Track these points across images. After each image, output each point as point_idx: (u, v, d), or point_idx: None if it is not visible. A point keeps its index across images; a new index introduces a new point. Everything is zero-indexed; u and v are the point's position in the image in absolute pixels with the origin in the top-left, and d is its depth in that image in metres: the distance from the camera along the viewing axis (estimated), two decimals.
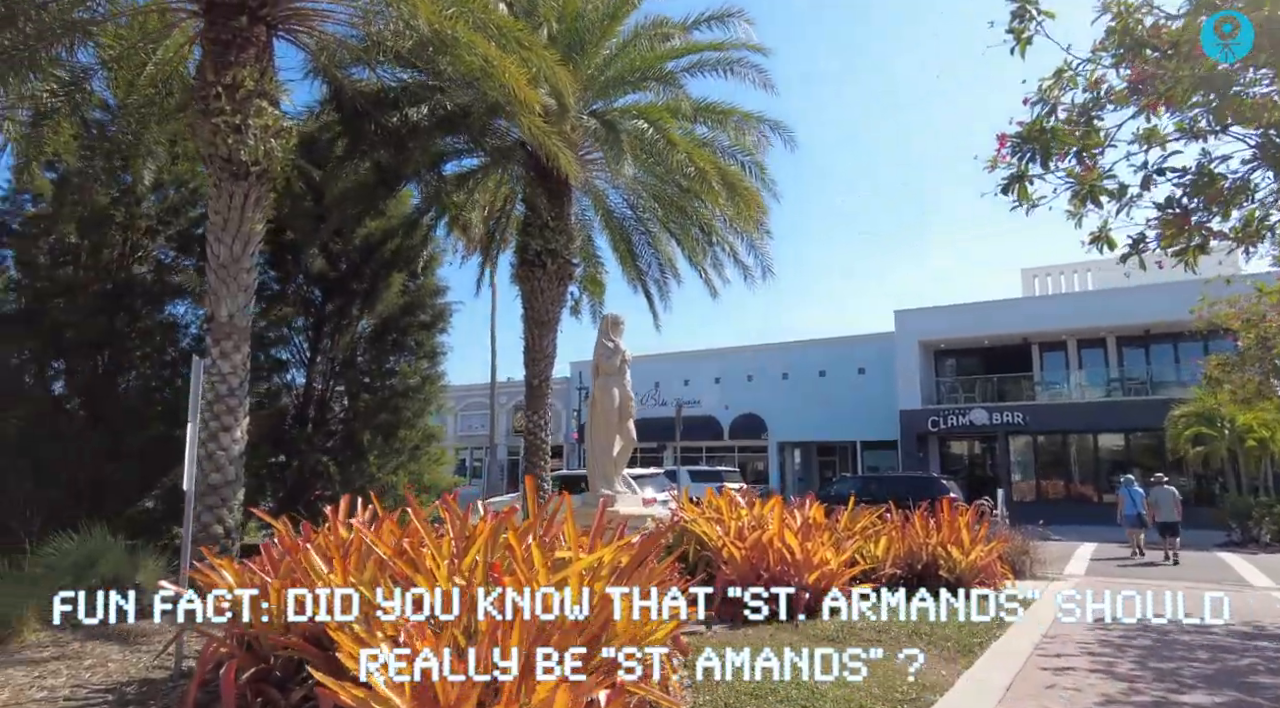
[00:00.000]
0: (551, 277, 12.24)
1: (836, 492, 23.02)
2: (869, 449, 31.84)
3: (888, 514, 10.80)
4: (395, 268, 14.27)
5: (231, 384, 8.05)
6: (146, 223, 11.23)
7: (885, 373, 29.91)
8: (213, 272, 8.19)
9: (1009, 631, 7.14)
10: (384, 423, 14.15)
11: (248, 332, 8.34)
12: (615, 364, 7.96)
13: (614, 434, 7.94)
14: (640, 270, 14.84)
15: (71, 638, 6.85)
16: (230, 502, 7.92)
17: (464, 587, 4.33)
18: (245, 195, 8.26)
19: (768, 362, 34.37)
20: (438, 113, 10.48)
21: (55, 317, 10.21)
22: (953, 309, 28.70)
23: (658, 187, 13.42)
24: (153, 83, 10.24)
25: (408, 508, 6.58)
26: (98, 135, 10.56)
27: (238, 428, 8.07)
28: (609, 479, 7.97)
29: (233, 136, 7.99)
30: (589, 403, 8.13)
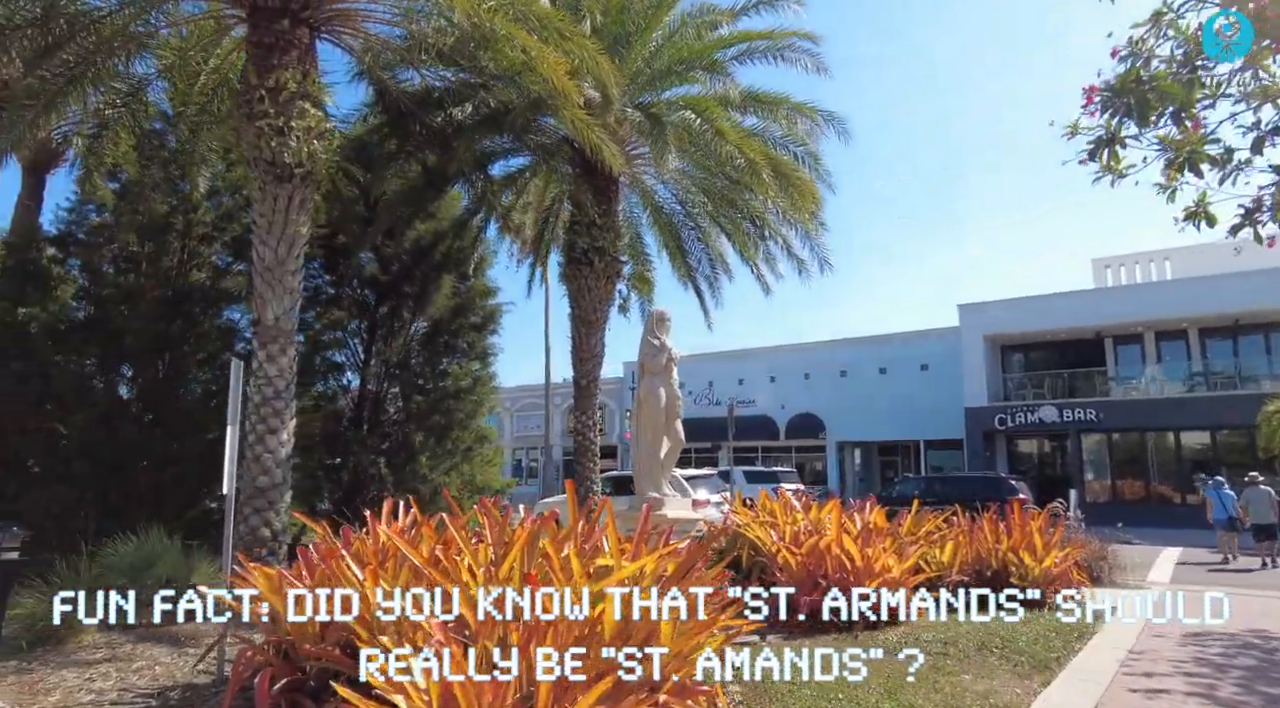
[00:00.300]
0: (599, 275, 12.03)
1: (899, 493, 22.32)
2: (933, 449, 30.83)
3: (954, 517, 10.24)
4: (445, 270, 14.26)
5: (278, 387, 8.05)
6: (202, 230, 11.41)
7: (949, 369, 28.89)
8: (258, 275, 8.21)
9: (1089, 645, 6.60)
10: (436, 425, 14.16)
11: (294, 334, 8.33)
12: (661, 362, 7.68)
13: (661, 435, 7.65)
14: (690, 267, 14.53)
15: (125, 639, 6.91)
16: (277, 504, 7.91)
17: (498, 597, 4.11)
18: (289, 198, 8.25)
19: (825, 359, 33.61)
20: (481, 111, 10.37)
21: (118, 323, 10.43)
22: (1020, 302, 27.55)
23: (707, 180, 13.09)
24: (205, 91, 10.41)
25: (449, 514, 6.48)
26: (156, 145, 10.78)
27: (284, 431, 8.07)
28: (656, 482, 7.69)
29: (276, 139, 7.99)
30: (635, 403, 7.86)
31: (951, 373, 28.69)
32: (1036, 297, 27.29)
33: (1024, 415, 26.79)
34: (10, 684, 5.77)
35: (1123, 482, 26.11)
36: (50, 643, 6.68)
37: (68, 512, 9.10)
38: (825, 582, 7.59)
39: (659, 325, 7.91)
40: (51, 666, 6.14)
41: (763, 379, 35.55)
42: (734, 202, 13.00)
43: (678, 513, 7.42)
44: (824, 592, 7.59)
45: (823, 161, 12.53)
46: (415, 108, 10.59)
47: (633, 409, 7.87)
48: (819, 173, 12.54)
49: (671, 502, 7.56)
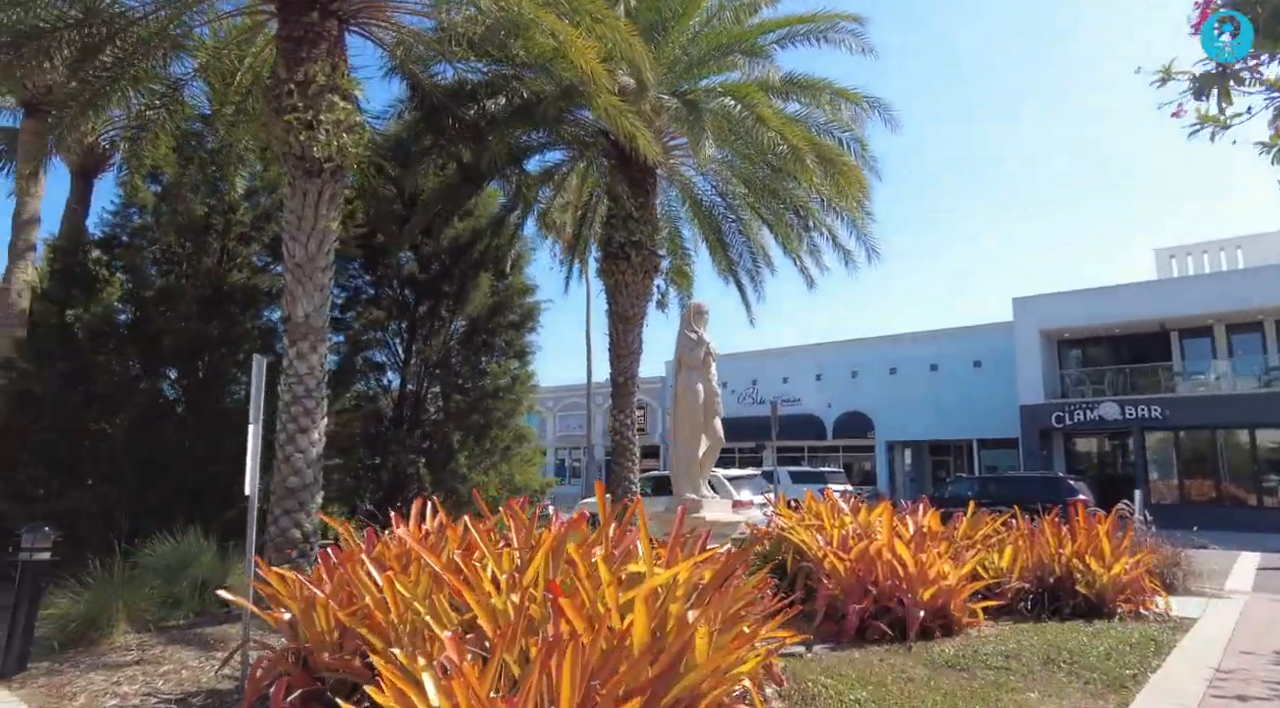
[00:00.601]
0: (636, 269, 11.72)
1: (951, 494, 21.56)
2: (986, 448, 29.80)
3: (1012, 520, 9.66)
4: (483, 268, 14.11)
5: (309, 385, 7.92)
6: (241, 229, 11.43)
7: (1003, 366, 27.88)
8: (288, 271, 8.10)
9: (1169, 661, 6.05)
10: (475, 424, 14.02)
11: (325, 332, 8.21)
12: (699, 357, 7.33)
13: (699, 433, 7.31)
14: (731, 261, 14.13)
15: (156, 641, 6.83)
16: (308, 505, 7.78)
17: (517, 607, 3.82)
18: (319, 193, 8.13)
19: (874, 356, 32.78)
20: (514, 102, 10.15)
21: (158, 324, 10.47)
22: (1078, 295, 26.44)
23: (748, 170, 12.68)
24: (240, 90, 10.40)
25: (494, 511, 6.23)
26: (194, 145, 10.81)
27: (315, 430, 7.93)
28: (694, 482, 7.34)
29: (304, 133, 7.86)
30: (672, 400, 7.53)
31: (1005, 369, 27.69)
32: (1096, 289, 26.17)
33: (1082, 413, 25.69)
34: (40, 687, 5.70)
35: (1190, 482, 24.83)
36: (83, 644, 6.64)
37: (105, 511, 9.12)
38: (876, 589, 7.15)
39: (696, 319, 7.57)
40: (82, 668, 6.08)
41: (808, 377, 34.86)
42: (776, 192, 12.57)
43: (717, 515, 7.06)
44: (874, 600, 7.18)
45: (869, 148, 12.06)
46: (448, 101, 10.44)
47: (668, 407, 7.54)
48: (865, 160, 12.06)
49: (710, 503, 7.21)
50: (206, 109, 10.88)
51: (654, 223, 12.00)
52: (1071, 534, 8.76)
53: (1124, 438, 26.49)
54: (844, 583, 7.33)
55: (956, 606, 7.21)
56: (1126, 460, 26.84)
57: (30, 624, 6.16)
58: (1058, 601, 8.13)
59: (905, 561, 7.21)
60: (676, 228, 14.94)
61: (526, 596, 4.06)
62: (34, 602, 6.22)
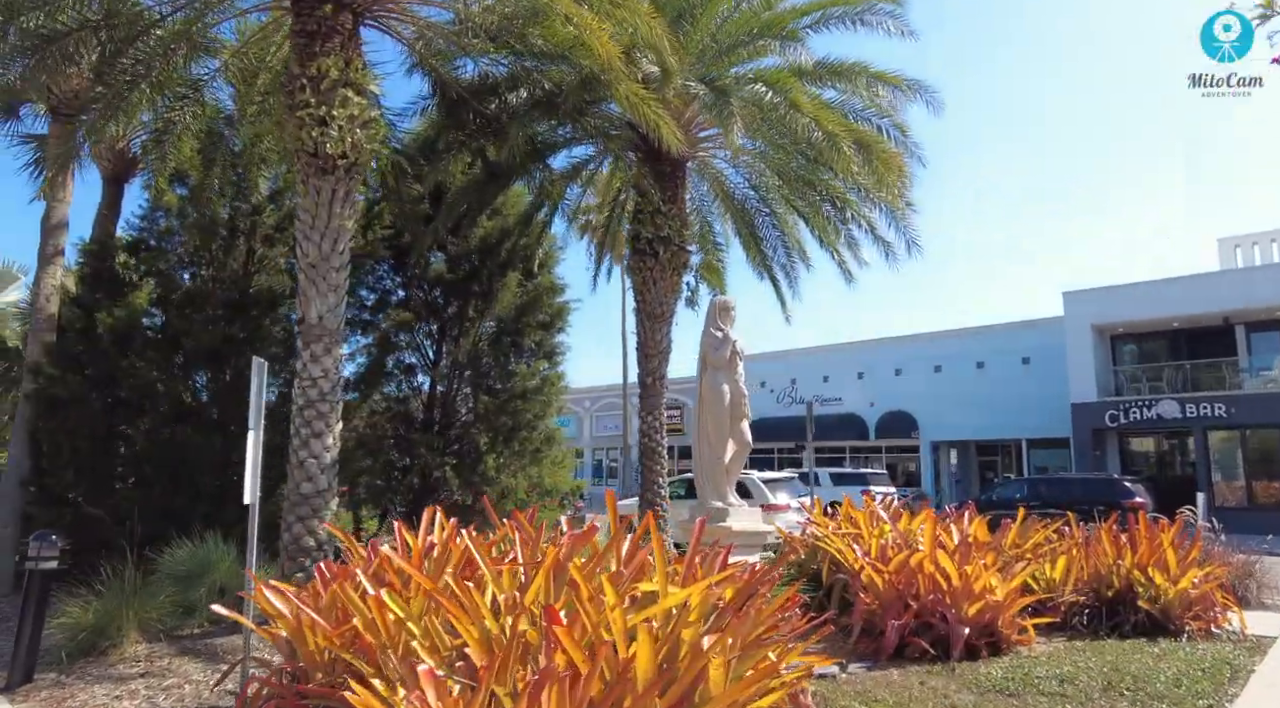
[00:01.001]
0: (664, 266, 11.32)
1: (999, 496, 20.74)
2: (1036, 448, 28.72)
3: (1065, 527, 9.04)
4: (511, 267, 13.85)
5: (323, 388, 7.70)
6: (265, 230, 11.33)
7: (1053, 362, 26.81)
8: (302, 271, 7.90)
9: (1248, 689, 5.46)
10: (504, 426, 13.76)
11: (340, 334, 7.99)
12: (725, 356, 6.92)
13: (725, 437, 6.90)
14: (764, 256, 13.63)
15: (166, 652, 6.67)
16: (322, 511, 7.55)
17: (512, 633, 3.47)
18: (333, 191, 7.91)
19: (918, 354, 31.85)
20: (536, 95, 9.84)
21: (181, 327, 10.41)
22: (1133, 288, 25.28)
23: (781, 161, 12.19)
24: (262, 90, 10.28)
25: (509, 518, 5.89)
26: (217, 147, 10.72)
27: (329, 435, 7.71)
28: (720, 489, 6.93)
29: (317, 129, 7.65)
30: (697, 401, 7.14)
31: (1056, 366, 26.62)
32: (1154, 281, 24.99)
33: (1139, 411, 24.54)
34: (41, 701, 5.54)
35: (1257, 484, 23.53)
36: (93, 654, 6.50)
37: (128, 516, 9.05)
38: (916, 604, 6.67)
39: (722, 315, 7.15)
40: (87, 680, 5.92)
41: (849, 376, 34.05)
42: (811, 182, 12.05)
43: (744, 525, 6.64)
44: (915, 615, 6.69)
45: (911, 135, 11.47)
46: (470, 97, 10.18)
47: (694, 408, 7.14)
48: (907, 147, 11.47)
49: (737, 512, 6.79)
50: (230, 109, 10.79)
51: (683, 218, 11.59)
52: (1131, 543, 8.13)
53: (1183, 437, 25.27)
54: (882, 597, 6.85)
55: (1005, 622, 6.69)
56: (1186, 461, 25.61)
57: (36, 636, 6.02)
58: (1117, 616, 7.52)
59: (949, 573, 6.71)
60: (708, 223, 14.50)
61: (525, 619, 3.72)
62: (40, 613, 6.08)
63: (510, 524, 5.27)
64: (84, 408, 9.88)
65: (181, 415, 10.20)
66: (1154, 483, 22.60)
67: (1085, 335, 25.87)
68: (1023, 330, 29.01)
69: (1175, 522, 8.64)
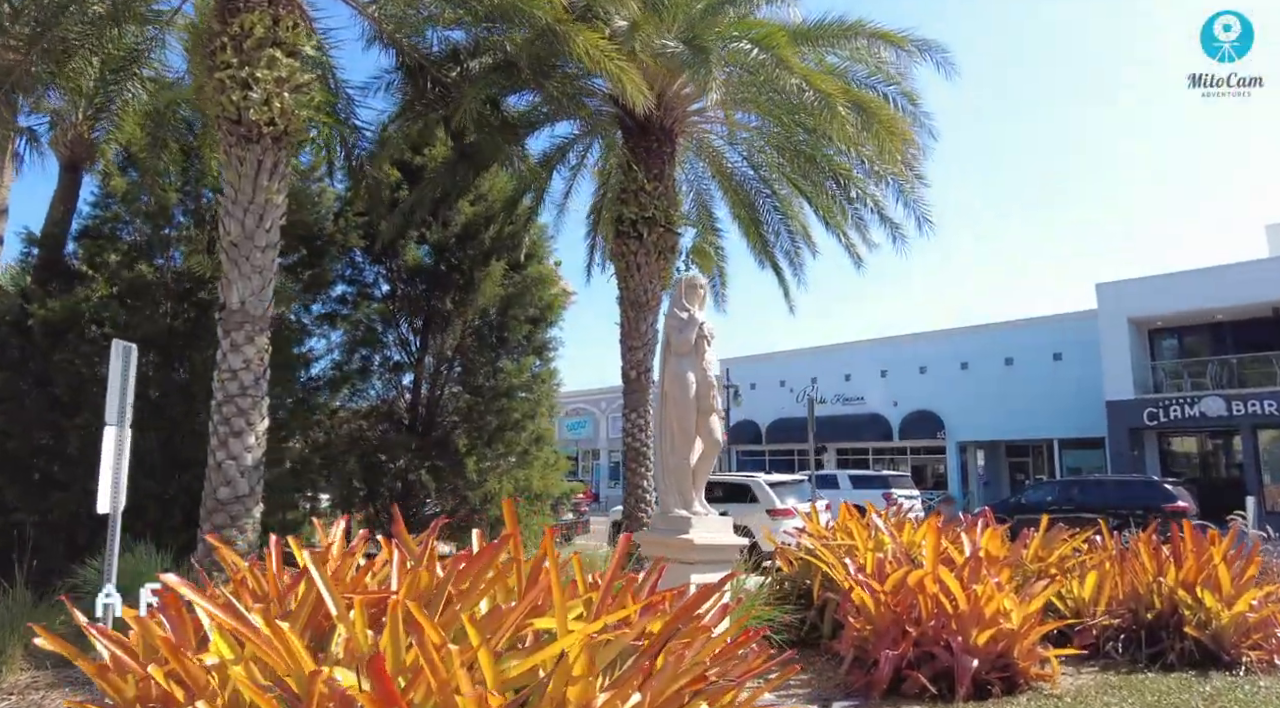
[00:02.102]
0: (649, 249, 10.36)
1: (1028, 500, 19.44)
2: (1069, 448, 27.23)
3: (1097, 538, 7.91)
4: (495, 256, 12.99)
5: (244, 382, 6.88)
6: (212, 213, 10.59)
7: (1087, 358, 25.35)
8: (223, 251, 7.10)
9: None
10: (489, 426, 12.91)
11: (266, 321, 7.17)
12: (690, 340, 5.96)
13: (691, 434, 5.93)
14: (766, 241, 12.62)
15: (50, 681, 5.89)
16: (243, 520, 6.72)
17: (310, 696, 2.54)
18: (259, 162, 7.10)
19: (943, 350, 30.48)
20: (496, 59, 8.97)
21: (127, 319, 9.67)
22: (1172, 278, 23.79)
23: (780, 137, 11.19)
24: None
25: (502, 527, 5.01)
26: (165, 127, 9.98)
27: (251, 433, 6.88)
28: (685, 495, 5.96)
29: (239, 92, 6.84)
30: (658, 395, 6.19)
31: (1089, 362, 25.16)
32: (1195, 271, 23.48)
33: (1180, 409, 23.03)
34: None
35: None
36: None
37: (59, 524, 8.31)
38: (916, 630, 5.64)
39: (689, 294, 6.18)
40: None
41: (872, 374, 32.74)
42: (813, 158, 11.02)
43: (708, 537, 5.66)
44: (914, 644, 5.67)
45: (921, 102, 10.41)
46: (429, 65, 9.32)
47: (657, 403, 6.19)
48: (917, 118, 10.43)
49: (703, 522, 5.81)
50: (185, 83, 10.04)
51: (670, 197, 10.62)
52: (1175, 557, 6.98)
53: (1229, 437, 23.74)
54: (876, 622, 5.83)
55: (1022, 652, 5.63)
56: (1232, 462, 24.06)
57: None
58: (1159, 643, 6.41)
59: (954, 594, 5.67)
60: (705, 206, 13.54)
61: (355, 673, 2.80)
62: None
63: (386, 543, 4.33)
64: (17, 406, 9.17)
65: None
66: (1197, 486, 21.03)
67: (1121, 329, 24.42)
68: (1053, 325, 27.57)
69: (1228, 530, 7.49)
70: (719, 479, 17.59)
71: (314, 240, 11.89)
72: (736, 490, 14.94)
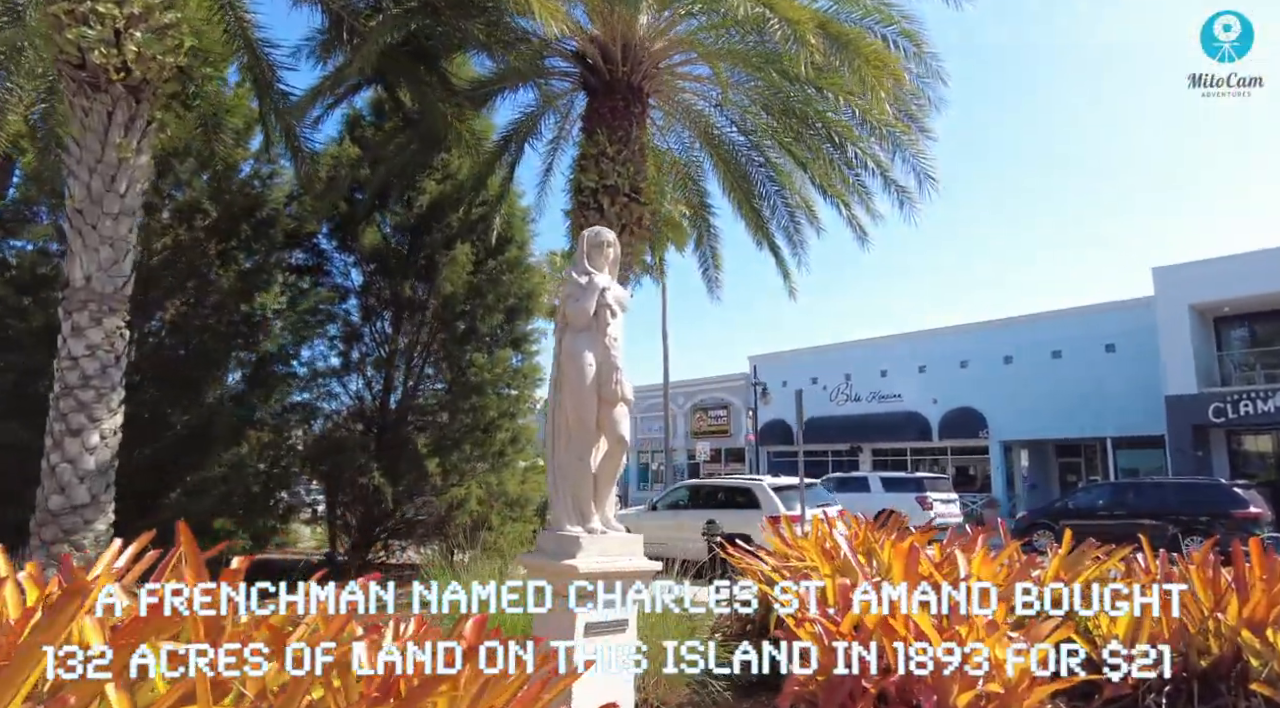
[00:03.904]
0: (612, 222, 9.07)
1: (1076, 504, 17.60)
2: (1124, 448, 25.01)
3: (1137, 557, 6.35)
4: (461, 239, 11.88)
5: (86, 371, 5.83)
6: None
7: (1143, 349, 23.22)
8: (67, 218, 6.07)
9: None
10: (455, 425, 11.79)
11: (120, 300, 6.12)
12: (587, 310, 4.69)
13: (590, 430, 4.66)
14: (760, 216, 11.24)
15: None
16: (79, 533, 5.67)
17: None
18: (109, 114, 6.06)
19: (984, 343, 28.47)
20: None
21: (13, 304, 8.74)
22: (1240, 260, 21.55)
23: (767, 92, 9.83)
24: None
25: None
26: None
27: (95, 432, 5.83)
28: (581, 507, 4.69)
29: (76, 30, 5.78)
30: (551, 380, 4.93)
31: (1146, 354, 23.01)
32: (1268, 251, 21.18)
33: (1251, 404, 20.77)
34: None
35: None
36: None
37: None
38: (876, 685, 4.28)
39: (593, 253, 4.90)
40: None
41: (909, 369, 30.85)
42: (805, 117, 9.61)
43: (602, 564, 4.37)
44: (875, 702, 4.31)
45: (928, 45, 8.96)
46: (351, 18, 8.23)
47: (550, 389, 4.94)
48: (924, 63, 8.99)
49: (598, 544, 4.51)
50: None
51: (638, 163, 9.31)
52: (1238, 584, 5.43)
53: None
54: (826, 670, 4.48)
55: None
56: None
57: None
58: (1216, 699, 4.91)
59: (928, 636, 4.28)
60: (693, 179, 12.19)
61: None
62: None
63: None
64: None
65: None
66: (1273, 490, 18.84)
67: (1182, 317, 22.23)
68: (1105, 314, 25.41)
69: None
70: (720, 482, 16.20)
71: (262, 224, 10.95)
72: (738, 495, 13.60)
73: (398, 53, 8.52)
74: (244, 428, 10.32)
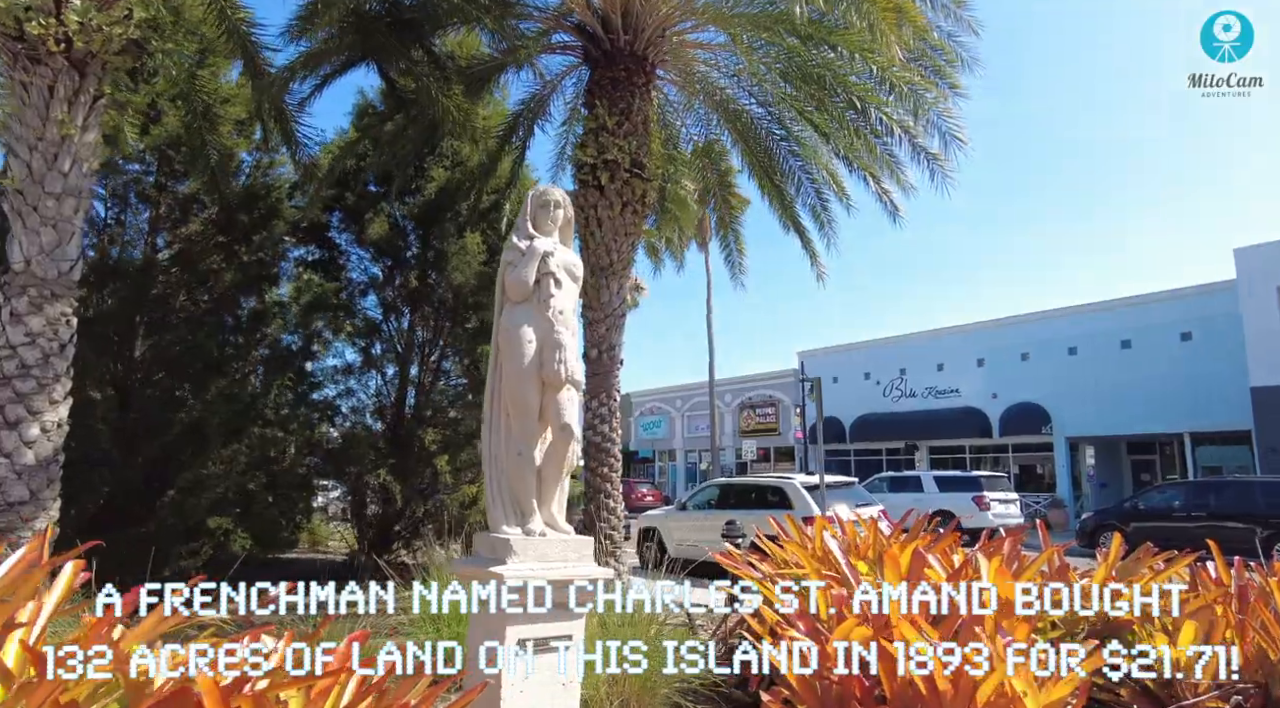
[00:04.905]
0: (612, 200, 8.43)
1: (1149, 505, 16.21)
2: (1204, 444, 23.16)
3: (1205, 567, 5.39)
4: (471, 227, 11.42)
5: (25, 360, 5.48)
6: None
7: (1224, 337, 21.43)
8: (6, 199, 5.73)
9: None
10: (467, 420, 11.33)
11: (65, 286, 5.75)
12: (526, 280, 4.07)
13: (532, 417, 4.04)
14: (783, 193, 10.45)
15: None
16: (17, 532, 5.30)
17: None
18: (50, 89, 5.70)
19: (1047, 334, 26.82)
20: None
21: None
22: None
23: (782, 59, 9.06)
24: None
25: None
26: None
27: (34, 424, 5.47)
28: (521, 504, 4.07)
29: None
30: (490, 361, 4.33)
31: (1228, 342, 21.22)
32: None
33: None
34: None
35: None
36: None
37: None
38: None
39: (538, 214, 4.27)
40: None
41: (968, 363, 29.32)
42: (823, 81, 8.80)
43: (534, 570, 3.74)
44: None
45: None
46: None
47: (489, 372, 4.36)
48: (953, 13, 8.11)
49: (535, 549, 3.88)
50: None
51: (641, 137, 8.63)
52: None
53: None
54: (807, 699, 3.75)
55: None
56: None
57: None
58: None
59: (927, 665, 3.52)
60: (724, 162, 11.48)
61: None
62: None
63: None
64: None
65: None
66: None
67: (1269, 301, 20.42)
68: (1179, 300, 23.60)
69: None
70: (751, 481, 15.36)
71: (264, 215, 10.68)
72: (769, 494, 12.82)
73: (380, 26, 8.05)
74: (247, 426, 10.05)
